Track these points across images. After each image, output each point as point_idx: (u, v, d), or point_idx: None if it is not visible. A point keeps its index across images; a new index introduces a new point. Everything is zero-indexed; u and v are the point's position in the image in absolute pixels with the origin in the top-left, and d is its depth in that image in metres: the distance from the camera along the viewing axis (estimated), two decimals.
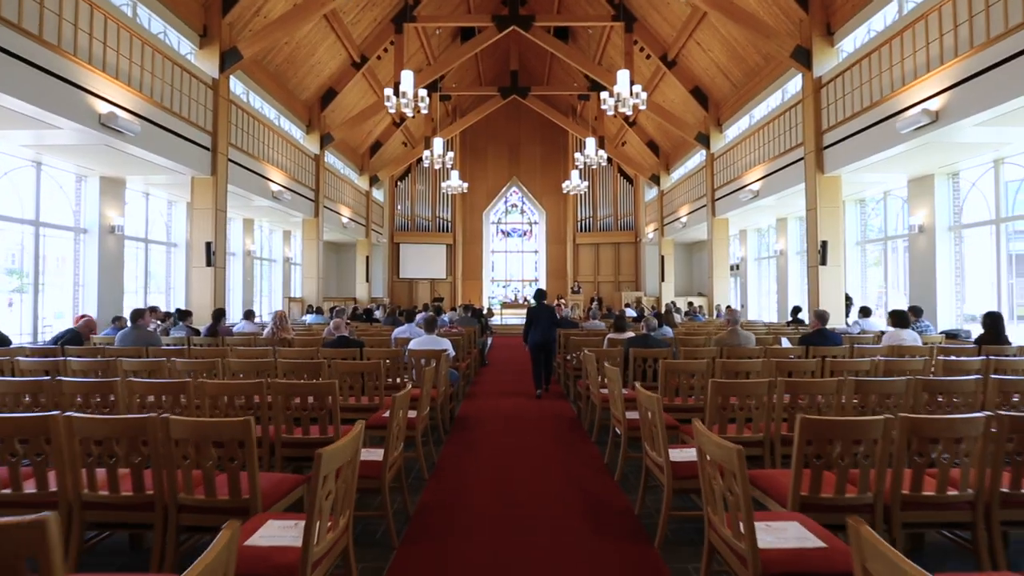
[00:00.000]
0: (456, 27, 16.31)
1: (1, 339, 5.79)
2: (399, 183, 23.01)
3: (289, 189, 12.95)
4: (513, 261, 25.06)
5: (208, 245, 9.89)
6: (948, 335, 7.66)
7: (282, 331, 7.35)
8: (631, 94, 9.93)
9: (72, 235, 9.32)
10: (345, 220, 16.99)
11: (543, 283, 23.48)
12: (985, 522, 2.41)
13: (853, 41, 9.74)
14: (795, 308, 10.44)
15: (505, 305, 22.82)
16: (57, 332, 6.15)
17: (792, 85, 11.76)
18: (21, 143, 7.66)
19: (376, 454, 3.08)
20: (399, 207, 23.04)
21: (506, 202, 24.85)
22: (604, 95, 10.59)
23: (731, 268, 16.31)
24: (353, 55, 14.05)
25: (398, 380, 5.51)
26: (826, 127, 9.60)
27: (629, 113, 10.43)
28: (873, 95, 8.40)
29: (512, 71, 18.49)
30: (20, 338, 8.43)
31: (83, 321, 6.09)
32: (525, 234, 25.05)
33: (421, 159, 16.20)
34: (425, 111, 11.13)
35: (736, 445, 1.83)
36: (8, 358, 4.76)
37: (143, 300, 11.06)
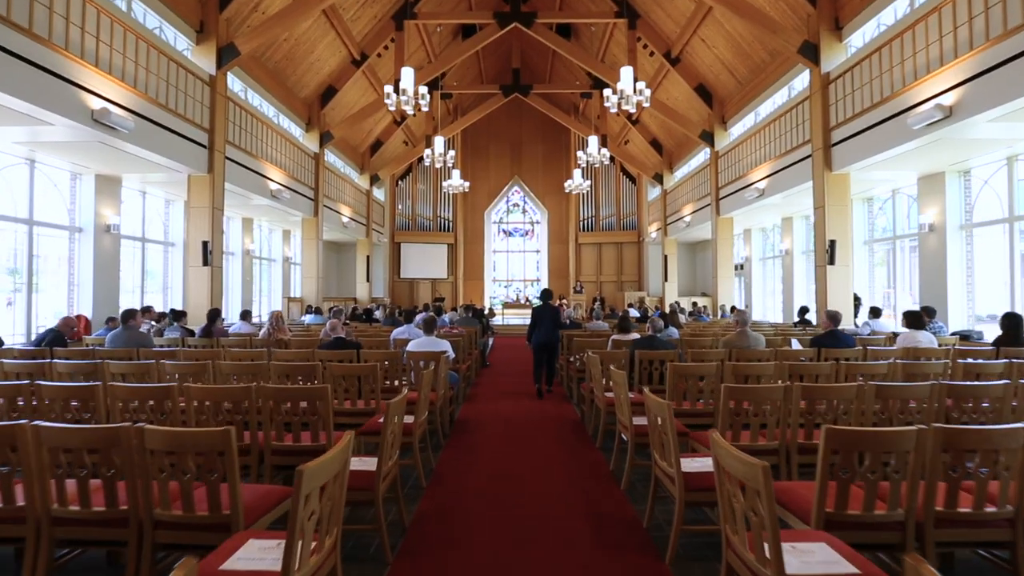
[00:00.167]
0: (457, 24, 16.13)
1: None
2: (400, 182, 22.83)
3: (288, 188, 12.79)
4: (515, 261, 24.88)
5: (205, 244, 9.73)
6: (960, 336, 7.46)
7: (278, 332, 7.20)
8: (635, 91, 9.77)
9: (67, 234, 9.18)
10: (345, 219, 16.82)
11: (545, 283, 23.28)
12: None
13: (862, 36, 9.53)
14: (802, 308, 10.23)
15: (507, 305, 22.65)
16: (39, 333, 5.99)
17: (799, 81, 11.56)
18: (14, 140, 7.51)
19: (370, 463, 2.91)
20: (400, 206, 22.86)
21: (508, 201, 24.66)
22: (607, 92, 10.42)
23: (735, 268, 16.11)
24: (353, 52, 13.89)
25: (396, 383, 5.35)
26: (834, 124, 9.41)
27: (632, 110, 10.26)
28: (884, 90, 8.21)
29: (514, 69, 18.30)
30: (14, 339, 8.29)
31: (63, 320, 5.91)
32: (527, 234, 24.87)
33: (422, 158, 16.02)
34: (425, 108, 10.95)
35: (761, 462, 1.66)
36: None
37: (140, 300, 10.91)
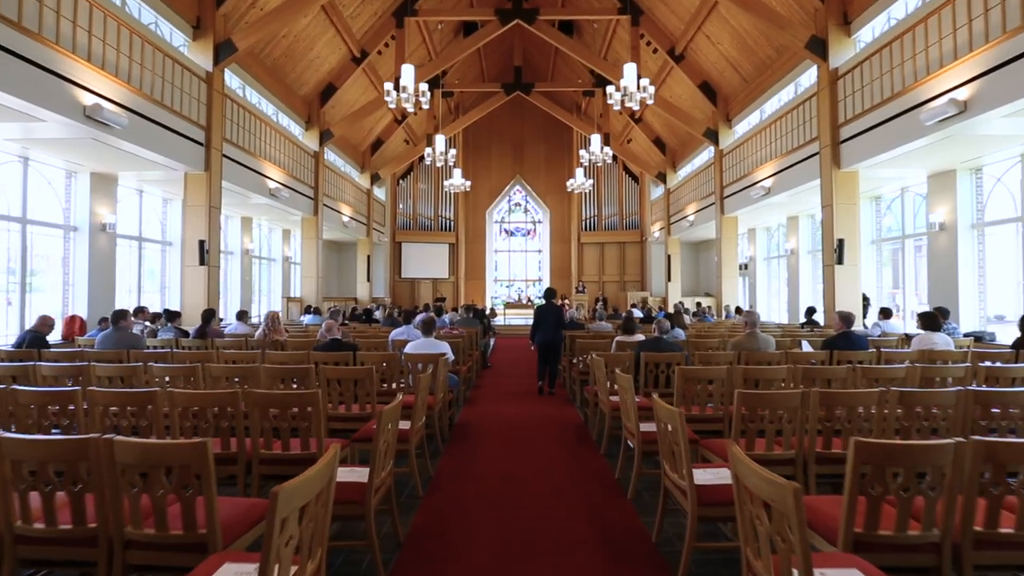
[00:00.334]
0: (458, 21, 15.93)
1: None
2: (401, 181, 22.65)
3: (287, 187, 12.63)
4: (517, 260, 24.69)
5: (201, 243, 9.57)
6: (974, 338, 7.26)
7: (274, 333, 7.04)
8: (638, 88, 9.58)
9: (62, 233, 9.03)
10: (346, 219, 16.66)
11: (547, 283, 23.09)
12: None
13: (872, 30, 9.34)
14: (810, 309, 10.04)
15: (508, 305, 22.46)
16: (19, 335, 5.83)
17: (806, 78, 11.35)
18: (6, 137, 7.35)
19: (361, 474, 2.73)
20: (401, 206, 22.68)
21: (509, 201, 24.47)
22: (610, 89, 10.22)
23: (740, 268, 15.91)
24: (353, 50, 13.72)
25: (394, 386, 5.18)
26: (843, 120, 9.21)
27: (636, 107, 10.07)
28: (894, 86, 8.01)
29: (516, 67, 18.12)
30: (6, 339, 8.14)
31: (39, 319, 5.73)
32: (529, 233, 24.68)
33: (423, 157, 15.84)
34: (426, 107, 10.77)
35: (792, 483, 1.48)
36: None
37: (137, 300, 10.76)
